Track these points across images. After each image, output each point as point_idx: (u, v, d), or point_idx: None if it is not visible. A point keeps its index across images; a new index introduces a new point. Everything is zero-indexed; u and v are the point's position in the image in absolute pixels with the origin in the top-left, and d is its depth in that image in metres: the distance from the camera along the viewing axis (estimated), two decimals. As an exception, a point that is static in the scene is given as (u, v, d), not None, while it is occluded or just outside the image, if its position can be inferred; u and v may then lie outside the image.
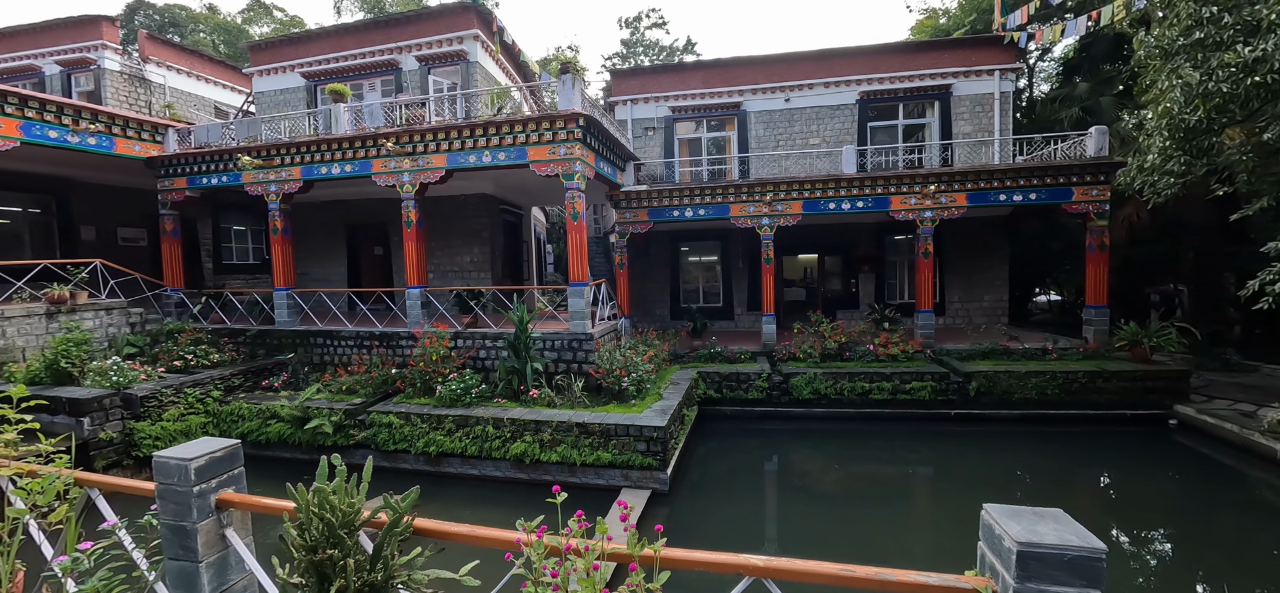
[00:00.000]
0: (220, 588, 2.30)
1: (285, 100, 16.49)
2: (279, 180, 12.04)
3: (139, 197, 16.38)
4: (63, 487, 2.50)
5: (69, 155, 11.94)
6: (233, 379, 10.98)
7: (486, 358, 11.06)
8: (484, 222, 14.77)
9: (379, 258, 16.28)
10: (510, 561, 1.75)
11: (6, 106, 10.47)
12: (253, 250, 19.70)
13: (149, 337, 12.07)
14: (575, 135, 10.09)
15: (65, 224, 15.30)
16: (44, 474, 2.52)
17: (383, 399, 10.25)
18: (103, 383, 9.40)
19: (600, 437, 8.81)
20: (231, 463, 2.32)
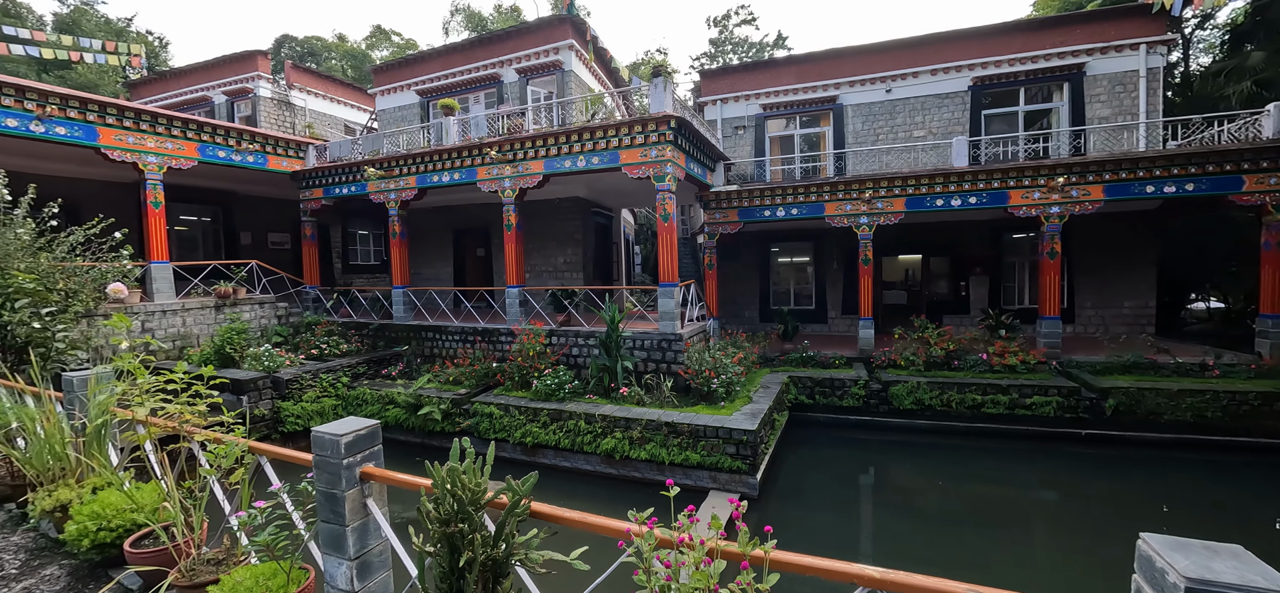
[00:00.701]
0: (361, 550, 2.59)
1: (402, 116, 18.11)
2: (397, 189, 13.25)
3: (284, 206, 18.76)
4: (240, 453, 2.94)
5: (233, 171, 13.92)
6: (358, 367, 12.25)
7: (579, 355, 11.47)
8: (577, 224, 15.32)
9: (481, 259, 17.41)
10: (621, 548, 1.82)
11: (189, 131, 12.41)
12: (374, 252, 21.84)
13: (291, 328, 13.79)
14: (666, 137, 10.19)
15: (228, 230, 17.88)
16: (226, 442, 2.98)
17: (484, 391, 10.96)
18: (257, 367, 10.87)
19: (689, 437, 8.83)
20: (372, 441, 2.61)
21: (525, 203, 12.54)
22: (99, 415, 3.70)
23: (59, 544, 3.79)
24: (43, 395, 3.79)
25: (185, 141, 12.40)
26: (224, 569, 2.85)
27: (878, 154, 15.02)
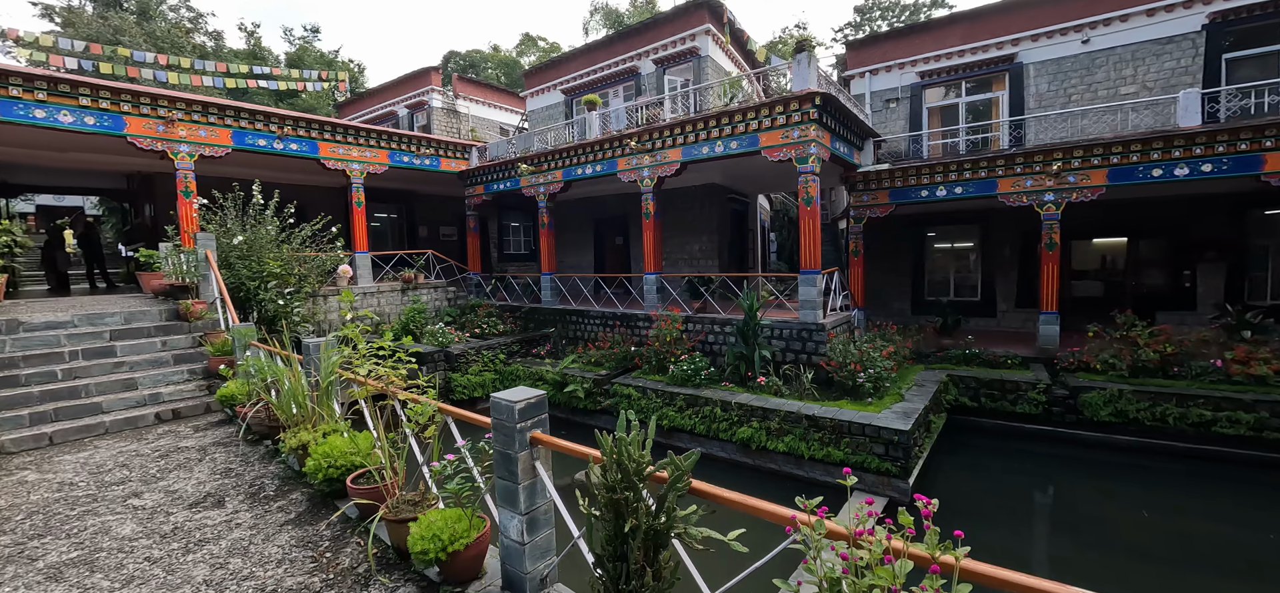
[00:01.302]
0: (530, 507, 2.84)
1: (549, 115, 19.43)
2: (546, 182, 14.28)
3: (452, 202, 21.18)
4: (432, 412, 3.40)
5: (413, 173, 16.04)
6: (512, 346, 13.50)
7: (715, 342, 11.44)
8: (712, 211, 15.23)
9: (619, 248, 18.11)
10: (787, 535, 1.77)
11: (381, 141, 14.56)
12: (524, 242, 23.86)
13: (458, 309, 15.61)
14: (810, 116, 9.67)
15: (410, 225, 20.70)
16: (422, 402, 3.46)
17: (623, 373, 11.42)
18: (433, 342, 12.49)
19: (831, 433, 8.38)
20: (541, 410, 2.84)
21: (662, 191, 12.75)
22: (328, 375, 4.52)
23: (300, 475, 4.71)
24: (290, 358, 4.72)
25: (379, 150, 14.56)
26: (420, 509, 3.31)
27: (1069, 119, 12.76)
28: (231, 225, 9.09)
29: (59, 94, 10.02)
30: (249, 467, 4.97)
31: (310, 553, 3.50)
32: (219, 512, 4.10)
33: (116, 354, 7.19)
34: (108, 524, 3.97)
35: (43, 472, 5.06)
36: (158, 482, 4.71)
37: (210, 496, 4.39)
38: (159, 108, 11.02)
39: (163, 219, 12.92)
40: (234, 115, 12.03)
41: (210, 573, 3.31)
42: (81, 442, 5.90)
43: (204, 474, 4.84)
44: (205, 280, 8.48)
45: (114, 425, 6.19)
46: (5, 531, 3.92)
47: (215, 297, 8.10)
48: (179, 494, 4.44)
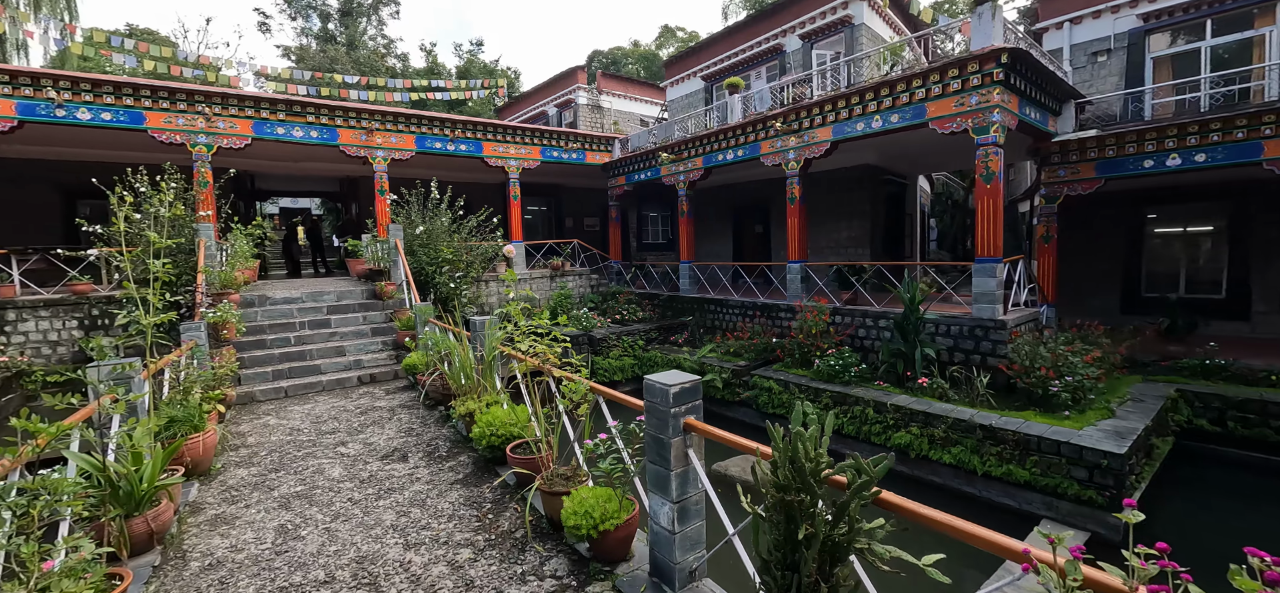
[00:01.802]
0: (682, 496, 2.72)
1: (689, 103, 19.34)
2: (686, 170, 14.21)
3: (595, 194, 22.15)
4: (584, 391, 3.45)
5: (560, 167, 16.99)
6: (650, 333, 13.72)
7: (866, 337, 10.49)
8: (864, 194, 13.99)
9: (759, 235, 17.49)
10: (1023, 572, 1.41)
11: (534, 139, 15.62)
12: (661, 232, 24.17)
13: (599, 296, 16.26)
14: (994, 78, 8.31)
15: (557, 217, 22.07)
16: (575, 381, 3.53)
17: (763, 365, 10.98)
18: (578, 326, 13.14)
19: (1013, 448, 7.18)
20: (694, 395, 2.71)
21: (809, 175, 11.96)
22: (491, 351, 4.86)
23: (467, 440, 5.15)
24: (460, 334, 5.17)
25: (532, 147, 15.65)
26: (572, 484, 3.38)
27: (1385, 56, 9.42)
28: (414, 218, 10.37)
29: (293, 114, 12.23)
30: (427, 428, 5.58)
31: (475, 513, 3.77)
32: (403, 466, 4.63)
33: (330, 326, 8.60)
34: (322, 467, 4.69)
35: (280, 418, 6.19)
36: (358, 434, 5.49)
37: (397, 450, 4.98)
38: (362, 120, 12.96)
39: (364, 215, 15.25)
40: (417, 123, 13.73)
41: (396, 519, 3.71)
42: (306, 396, 7.14)
43: (392, 431, 5.53)
44: (395, 265, 9.80)
45: (328, 384, 7.39)
46: (254, 464, 4.82)
47: (402, 279, 9.31)
48: (374, 446, 5.12)
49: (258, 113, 11.87)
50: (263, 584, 3.04)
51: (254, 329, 8.05)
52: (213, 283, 7.81)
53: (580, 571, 3.06)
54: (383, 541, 3.45)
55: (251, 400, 6.86)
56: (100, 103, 10.53)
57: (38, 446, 2.51)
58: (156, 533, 3.26)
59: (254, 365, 7.45)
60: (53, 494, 2.46)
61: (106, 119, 10.59)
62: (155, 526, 3.23)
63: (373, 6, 38.49)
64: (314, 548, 3.39)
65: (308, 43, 36.40)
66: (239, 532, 3.58)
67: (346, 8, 37.25)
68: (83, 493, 2.87)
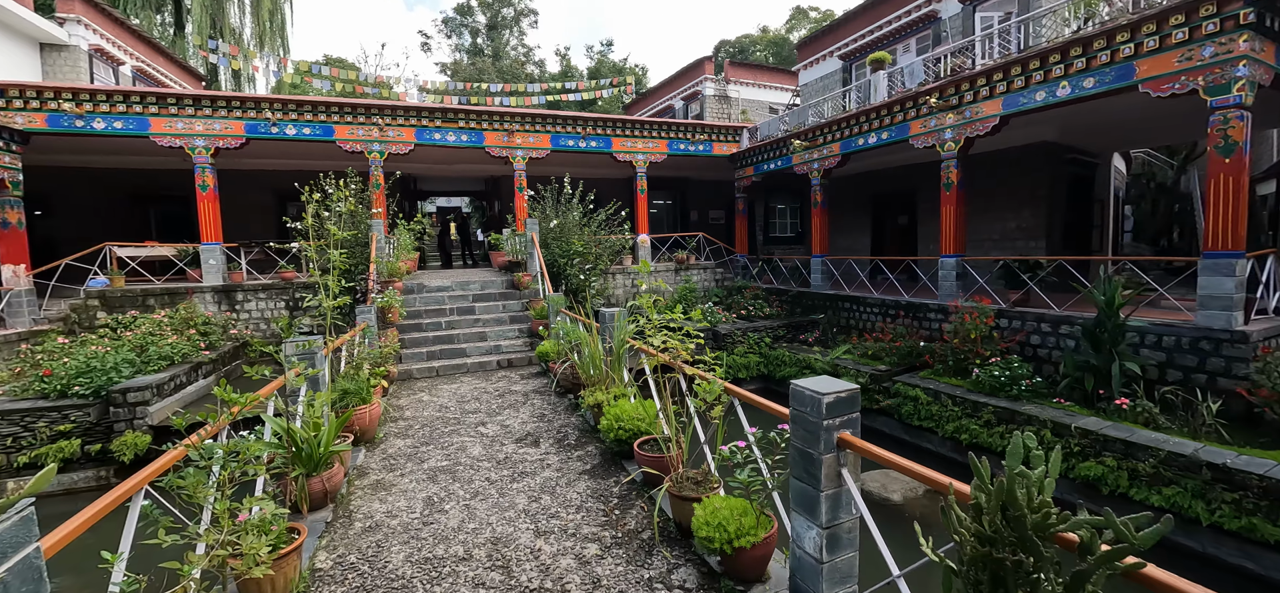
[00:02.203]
0: (832, 521, 2.37)
1: (824, 85, 18.09)
2: (820, 158, 13.27)
3: (720, 187, 21.69)
4: (719, 392, 3.20)
5: (685, 160, 16.81)
6: (778, 330, 13.04)
7: (1041, 345, 8.94)
8: (1039, 177, 11.98)
9: (902, 228, 15.85)
10: None
11: (661, 132, 15.63)
12: (789, 224, 23.05)
13: (724, 290, 15.87)
14: (1240, 21, 6.51)
15: (682, 210, 21.99)
16: (709, 381, 3.29)
17: (908, 371, 9.86)
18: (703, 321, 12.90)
19: (1260, 495, 5.60)
20: (852, 406, 2.33)
21: (967, 157, 10.47)
22: (620, 343, 4.81)
23: (595, 431, 5.17)
24: (590, 325, 5.20)
25: (659, 140, 15.68)
26: (703, 490, 3.16)
27: None
28: (548, 212, 10.86)
29: (447, 121, 13.50)
30: (557, 415, 5.73)
31: (602, 507, 3.72)
32: (535, 450, 4.76)
33: (475, 313, 9.31)
34: (465, 444, 4.99)
35: (432, 395, 6.78)
36: (496, 416, 5.79)
37: (530, 435, 5.15)
38: (504, 123, 13.93)
39: (505, 211, 16.41)
40: (552, 123, 14.44)
41: (528, 504, 3.78)
42: (453, 376, 7.76)
43: (526, 416, 5.75)
44: (531, 258, 10.35)
45: (472, 366, 7.98)
46: (409, 436, 5.28)
47: (537, 271, 9.80)
48: (510, 429, 5.35)
49: (419, 121, 13.27)
50: (412, 552, 3.24)
51: (412, 314, 8.96)
52: (381, 272, 8.83)
53: (710, 586, 2.83)
54: (515, 524, 3.53)
55: (409, 377, 7.63)
56: (302, 120, 12.47)
57: (232, 414, 2.87)
58: (330, 492, 3.64)
59: (412, 346, 8.28)
60: (250, 457, 2.80)
61: (307, 133, 12.53)
62: (329, 486, 3.60)
63: (515, 19, 41.52)
64: (455, 523, 3.56)
65: (460, 57, 40.31)
66: (394, 500, 3.88)
67: (493, 22, 40.62)
68: (272, 455, 3.27)
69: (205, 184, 11.99)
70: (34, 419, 7.94)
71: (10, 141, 10.71)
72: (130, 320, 10.70)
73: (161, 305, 11.56)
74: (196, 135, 11.81)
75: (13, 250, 10.78)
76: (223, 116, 11.96)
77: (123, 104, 11.40)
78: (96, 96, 11.27)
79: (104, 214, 14.80)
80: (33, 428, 7.93)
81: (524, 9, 41.41)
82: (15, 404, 7.94)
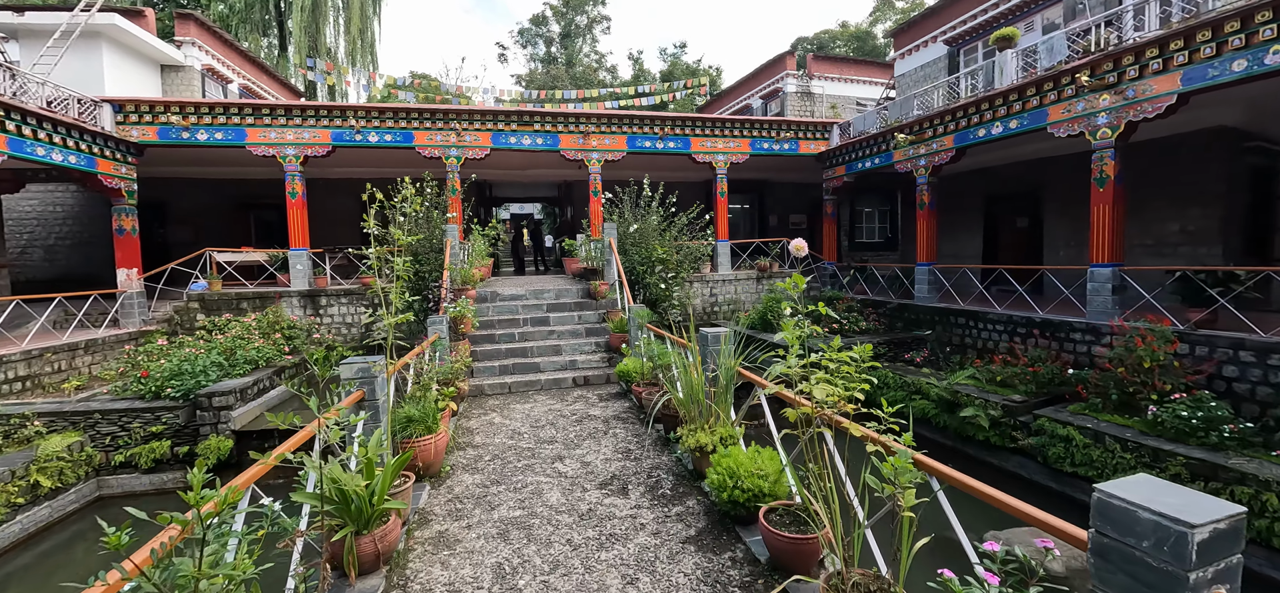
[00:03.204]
0: None
1: (924, 75, 16.33)
2: (929, 153, 11.73)
3: (802, 189, 20.32)
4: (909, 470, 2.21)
5: (765, 161, 15.62)
6: (878, 348, 11.58)
7: (1238, 378, 7.11)
8: (1212, 170, 9.89)
9: (1022, 232, 13.87)
10: None
11: (743, 131, 14.58)
12: (877, 229, 21.22)
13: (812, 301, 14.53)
14: None
15: (761, 214, 20.74)
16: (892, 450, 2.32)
17: (1050, 403, 8.24)
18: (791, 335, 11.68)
19: None
20: (1234, 543, 1.29)
21: (1127, 145, 8.68)
22: (728, 373, 3.89)
23: (694, 476, 4.27)
24: (688, 348, 4.33)
25: (741, 139, 14.64)
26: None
27: None
28: (627, 216, 10.13)
29: (523, 125, 13.17)
30: (645, 451, 4.89)
31: (718, 598, 2.81)
32: (623, 501, 3.94)
33: (549, 324, 8.71)
34: (540, 486, 4.25)
35: (504, 416, 6.15)
36: (575, 449, 5.03)
37: (615, 478, 4.34)
38: (579, 125, 13.43)
39: (578, 216, 15.94)
40: (628, 124, 13.79)
41: (622, 587, 2.94)
42: (526, 393, 7.14)
43: (609, 450, 4.95)
44: (608, 265, 9.65)
45: (546, 383, 7.33)
46: (478, 470, 4.62)
47: (615, 279, 9.07)
48: (591, 468, 4.56)
49: (495, 125, 13.03)
50: (477, 646, 2.49)
51: (485, 324, 8.49)
52: (455, 279, 8.42)
53: None
54: (607, 618, 2.70)
55: (480, 394, 7.08)
56: (384, 126, 12.54)
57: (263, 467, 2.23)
58: (383, 554, 2.98)
59: (484, 359, 7.77)
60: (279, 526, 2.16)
61: (388, 140, 12.59)
62: (382, 547, 2.95)
63: (587, 27, 41.73)
64: (530, 604, 2.79)
65: (535, 67, 40.99)
66: (458, 564, 3.17)
67: (566, 31, 41.02)
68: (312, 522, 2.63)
69: (294, 191, 12.28)
70: (130, 420, 8.14)
71: (127, 153, 11.40)
72: (224, 323, 11.03)
73: (253, 309, 11.90)
74: (287, 144, 12.11)
75: (127, 255, 11.44)
76: (311, 126, 12.21)
77: (222, 116, 11.88)
78: (200, 109, 11.80)
79: (211, 221, 15.73)
80: (129, 428, 8.13)
81: (597, 16, 41.53)
82: (114, 404, 8.17)
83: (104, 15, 13.81)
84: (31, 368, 8.99)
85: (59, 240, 16.31)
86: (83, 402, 8.33)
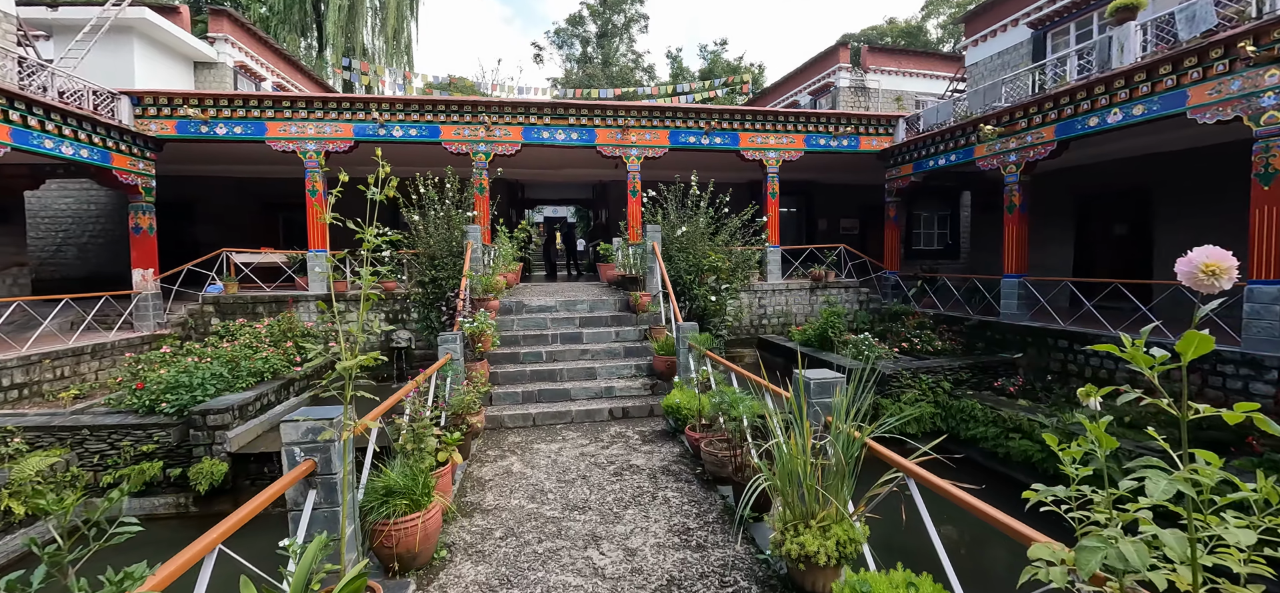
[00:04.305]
0: None
1: (1003, 63, 14.57)
2: (1021, 147, 10.09)
3: (853, 191, 18.71)
4: None
5: (818, 161, 14.12)
6: (960, 372, 9.98)
7: None
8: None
9: (1119, 239, 12.03)
10: None
11: (797, 126, 13.19)
12: (937, 235, 19.53)
13: (871, 314, 12.98)
14: None
15: (809, 218, 19.18)
16: None
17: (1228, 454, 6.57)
18: (853, 354, 10.22)
19: None
20: None
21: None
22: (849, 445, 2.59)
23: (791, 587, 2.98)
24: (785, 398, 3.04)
25: (796, 135, 13.23)
26: None
27: None
28: (673, 218, 8.88)
29: (557, 118, 12.13)
30: (710, 534, 3.62)
31: None
32: (688, 625, 2.68)
33: (582, 342, 7.54)
34: (568, 587, 3.04)
35: (526, 462, 4.98)
36: (614, 524, 3.80)
37: (674, 583, 3.08)
38: (618, 118, 12.30)
39: (614, 218, 14.79)
40: (671, 117, 12.59)
41: None
42: (553, 428, 5.96)
43: (660, 530, 3.70)
44: (650, 273, 8.41)
45: (577, 416, 6.15)
46: (484, 554, 3.44)
47: (659, 290, 7.83)
48: (639, 563, 3.30)
49: (527, 119, 12.02)
50: None
51: (508, 340, 7.38)
52: (476, 288, 7.34)
53: None
54: None
55: (499, 427, 5.95)
56: (409, 120, 11.67)
57: None
58: None
59: (505, 383, 6.66)
60: None
61: (413, 135, 11.71)
62: None
63: (624, 26, 40.77)
64: None
65: (571, 67, 40.26)
66: None
67: (603, 30, 40.15)
68: None
69: (314, 189, 11.53)
70: (120, 437, 7.34)
71: (144, 148, 10.82)
72: (238, 329, 10.28)
73: (268, 313, 11.17)
74: (308, 138, 11.37)
75: (143, 255, 10.85)
76: (333, 119, 11.45)
77: (242, 109, 11.22)
78: (218, 102, 11.16)
79: (239, 222, 15.25)
80: (119, 446, 7.33)
81: (634, 15, 40.53)
82: (104, 419, 7.40)
83: (134, 10, 13.44)
84: (31, 375, 8.35)
85: (92, 239, 16.11)
86: (75, 415, 7.59)
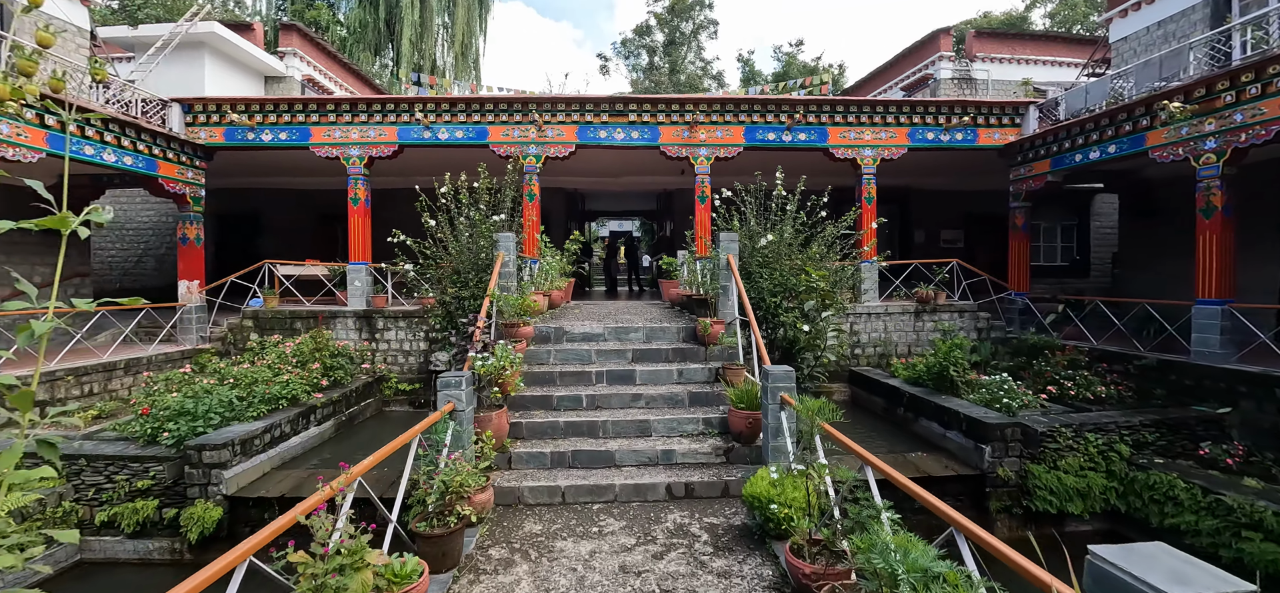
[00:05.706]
0: None
1: (1166, 35, 11.66)
2: (1225, 129, 7.49)
3: (957, 198, 16.10)
4: None
5: (914, 162, 11.79)
6: (1142, 430, 7.42)
7: None
8: None
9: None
10: None
11: (900, 118, 11.05)
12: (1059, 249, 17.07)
13: (996, 346, 10.51)
14: None
15: (903, 228, 16.67)
16: None
17: None
18: (986, 401, 7.90)
19: None
20: None
21: None
22: None
23: None
24: None
25: (897, 128, 11.08)
26: None
27: None
28: (754, 228, 7.07)
29: (615, 114, 10.72)
30: None
31: None
32: None
33: (635, 383, 5.90)
34: None
35: (539, 580, 3.38)
36: None
37: None
38: (685, 112, 10.74)
39: (679, 230, 13.17)
40: (747, 110, 10.87)
41: None
42: (588, 511, 4.34)
43: None
44: (724, 293, 6.61)
45: (621, 492, 4.50)
46: None
47: (736, 317, 6.06)
48: None
49: (582, 116, 10.70)
50: None
51: (541, 378, 5.88)
52: (505, 311, 5.90)
53: None
54: None
55: (515, 506, 4.40)
56: (454, 121, 10.67)
57: None
58: None
59: (531, 437, 5.14)
60: None
61: (459, 137, 10.69)
62: None
63: (692, 33, 39.34)
64: None
65: (637, 76, 39.28)
66: None
67: (671, 39, 38.93)
68: None
69: (357, 197, 10.75)
70: (116, 469, 6.51)
71: (192, 156, 10.43)
72: (272, 345, 9.52)
73: (306, 328, 10.42)
74: (351, 143, 10.62)
75: (190, 266, 10.44)
76: (377, 122, 10.64)
77: (287, 114, 10.63)
78: (264, 107, 10.63)
79: (300, 234, 15.00)
80: (114, 480, 6.49)
81: (703, 21, 39.03)
82: (103, 448, 6.59)
83: (205, 24, 13.46)
84: (53, 392, 7.81)
85: (169, 250, 16.45)
86: (79, 441, 6.86)
